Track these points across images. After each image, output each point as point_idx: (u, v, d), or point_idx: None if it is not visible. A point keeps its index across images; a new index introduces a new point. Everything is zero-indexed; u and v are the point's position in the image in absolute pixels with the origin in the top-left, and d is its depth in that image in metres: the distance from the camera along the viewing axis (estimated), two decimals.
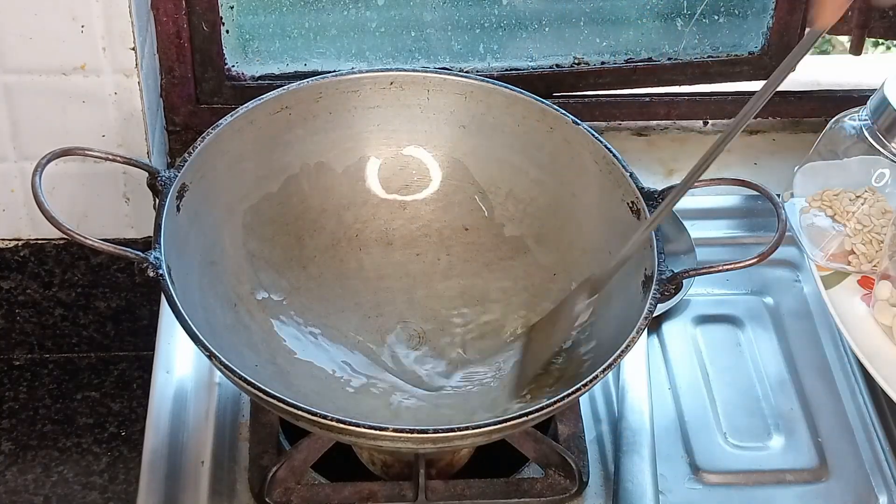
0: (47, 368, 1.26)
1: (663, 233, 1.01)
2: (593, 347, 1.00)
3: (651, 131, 1.36)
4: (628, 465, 1.00)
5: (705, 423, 1.08)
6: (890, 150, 1.10)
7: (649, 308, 0.94)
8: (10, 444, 1.19)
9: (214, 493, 1.00)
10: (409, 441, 0.88)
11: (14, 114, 1.11)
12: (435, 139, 1.13)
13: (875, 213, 1.12)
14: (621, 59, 1.29)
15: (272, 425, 1.03)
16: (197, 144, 1.02)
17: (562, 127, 1.08)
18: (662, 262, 0.97)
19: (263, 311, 1.05)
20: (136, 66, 1.09)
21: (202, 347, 0.90)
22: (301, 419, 0.89)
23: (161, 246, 0.94)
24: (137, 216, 1.18)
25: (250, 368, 0.97)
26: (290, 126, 1.09)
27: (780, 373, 1.12)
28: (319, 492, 1.00)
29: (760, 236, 1.23)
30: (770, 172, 1.30)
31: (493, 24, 1.25)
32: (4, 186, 1.15)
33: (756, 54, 1.31)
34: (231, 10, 1.21)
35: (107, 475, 1.18)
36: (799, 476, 1.04)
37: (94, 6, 1.06)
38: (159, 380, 1.08)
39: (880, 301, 1.08)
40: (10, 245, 1.19)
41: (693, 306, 1.17)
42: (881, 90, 1.11)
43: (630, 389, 1.06)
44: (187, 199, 1.00)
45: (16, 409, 1.22)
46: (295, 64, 1.25)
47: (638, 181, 1.03)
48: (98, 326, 1.26)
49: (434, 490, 0.99)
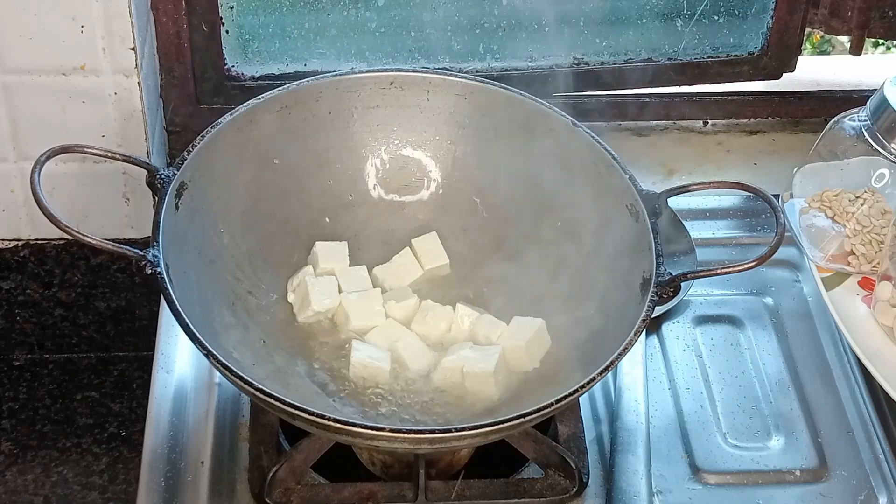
0: (47, 368, 1.26)
1: (663, 233, 1.01)
2: (592, 348, 1.00)
3: (651, 131, 1.36)
4: (623, 464, 1.00)
5: (705, 424, 1.08)
6: (890, 150, 1.10)
7: (647, 310, 0.94)
8: (10, 444, 1.19)
9: (214, 493, 1.00)
10: (406, 441, 0.88)
11: (14, 114, 1.11)
12: (434, 140, 1.13)
13: (875, 213, 1.12)
14: (621, 59, 1.29)
15: (272, 425, 1.03)
16: (196, 143, 1.02)
17: (561, 128, 1.08)
18: (661, 264, 0.97)
19: (261, 310, 1.05)
20: (136, 66, 1.10)
21: (199, 346, 0.90)
22: (298, 419, 0.89)
23: (160, 244, 0.94)
24: (137, 216, 1.18)
25: (248, 367, 0.97)
26: (289, 126, 1.09)
27: (780, 373, 1.12)
28: (319, 492, 1.00)
29: (760, 236, 1.23)
30: (770, 173, 1.30)
31: (493, 24, 1.25)
32: (4, 186, 1.15)
33: (756, 54, 1.31)
34: (231, 10, 1.21)
35: (107, 475, 1.18)
36: (799, 476, 1.04)
37: (94, 6, 1.06)
38: (159, 380, 1.08)
39: (881, 302, 1.08)
40: (10, 245, 1.20)
41: (693, 307, 1.17)
42: (881, 91, 1.11)
43: (626, 390, 1.06)
44: (186, 197, 1.00)
45: (16, 409, 1.22)
46: (295, 64, 1.25)
47: (637, 183, 1.03)
48: (98, 326, 1.26)
49: (434, 490, 0.99)
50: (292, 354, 1.04)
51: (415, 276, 1.10)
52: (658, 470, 1.03)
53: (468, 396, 1.01)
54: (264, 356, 1.02)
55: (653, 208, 1.01)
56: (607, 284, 1.03)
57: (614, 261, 1.03)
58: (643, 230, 1.00)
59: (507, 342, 1.04)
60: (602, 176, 1.06)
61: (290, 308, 1.07)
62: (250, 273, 1.06)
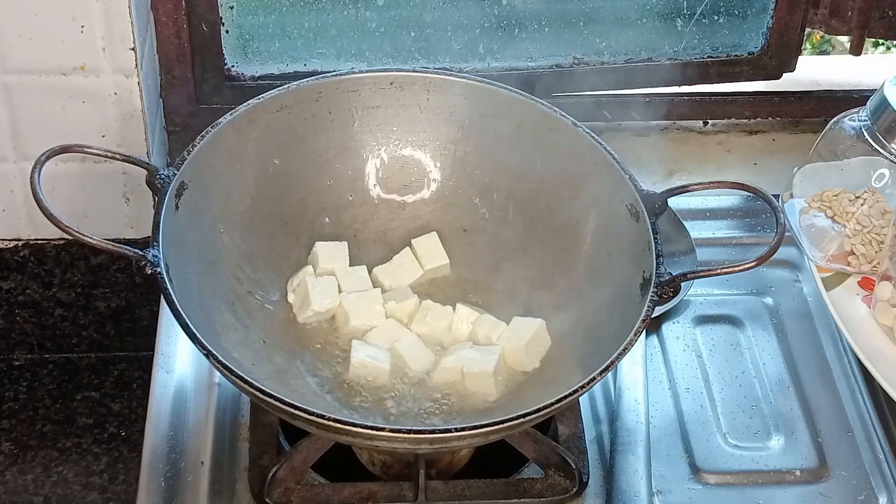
0: (47, 368, 1.26)
1: (663, 233, 1.01)
2: (592, 348, 1.00)
3: (651, 131, 1.36)
4: (623, 464, 1.00)
5: (705, 424, 1.08)
6: (890, 150, 1.10)
7: (647, 310, 0.94)
8: (10, 444, 1.19)
9: (214, 493, 1.00)
10: (405, 441, 0.88)
11: (14, 114, 1.11)
12: (434, 140, 1.13)
13: (875, 213, 1.12)
14: (621, 59, 1.29)
15: (272, 425, 1.03)
16: (196, 143, 1.02)
17: (561, 129, 1.08)
18: (661, 264, 0.97)
19: (261, 310, 1.05)
20: (136, 66, 1.10)
21: (199, 346, 0.90)
22: (298, 419, 0.89)
23: (160, 243, 0.94)
24: (137, 216, 1.18)
25: (248, 367, 0.97)
26: (289, 126, 1.09)
27: (780, 373, 1.12)
28: (319, 492, 1.00)
29: (760, 236, 1.23)
30: (770, 173, 1.30)
31: (493, 24, 1.25)
32: (4, 187, 1.15)
33: (756, 54, 1.31)
34: (231, 10, 1.21)
35: (107, 475, 1.18)
36: (799, 476, 1.04)
37: (94, 6, 1.06)
38: (159, 380, 1.08)
39: (881, 302, 1.08)
40: (10, 245, 1.19)
41: (693, 307, 1.17)
42: (881, 91, 1.11)
43: (626, 390, 1.06)
44: (186, 197, 1.00)
45: (16, 409, 1.22)
46: (295, 64, 1.25)
47: (637, 183, 1.03)
48: (98, 326, 1.26)
49: (434, 490, 0.99)
50: (292, 354, 1.04)
51: (415, 276, 1.10)
52: (658, 470, 1.03)
53: (468, 396, 1.01)
54: (264, 356, 1.02)
55: (653, 208, 1.01)
56: (607, 284, 1.03)
57: (614, 261, 1.03)
58: (643, 230, 1.00)
59: (506, 342, 1.04)
60: (602, 176, 1.05)
61: (290, 308, 1.07)
62: (250, 273, 1.06)
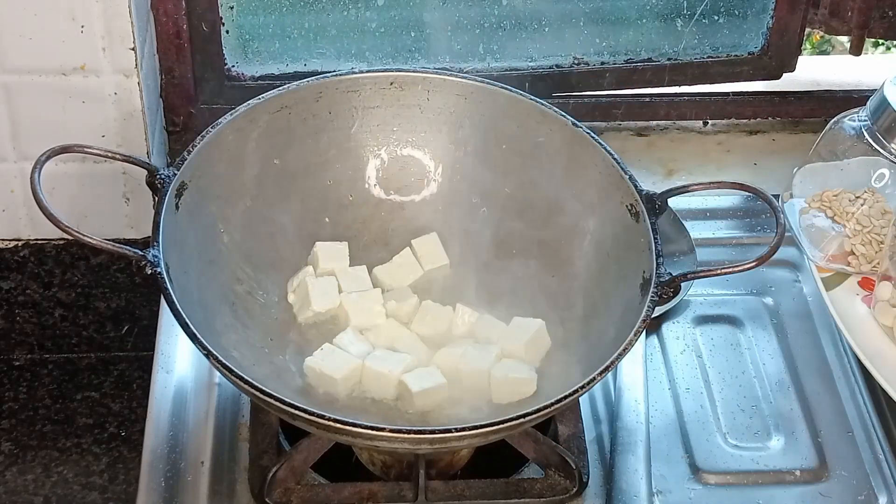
0: (47, 368, 1.26)
1: (663, 233, 1.01)
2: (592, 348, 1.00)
3: (651, 131, 1.36)
4: (623, 464, 1.00)
5: (705, 424, 1.08)
6: (890, 150, 1.10)
7: (647, 311, 0.94)
8: (10, 444, 1.19)
9: (214, 493, 1.00)
10: (406, 441, 0.88)
11: (14, 114, 1.11)
12: (434, 140, 1.13)
13: (875, 213, 1.12)
14: (621, 59, 1.29)
15: (272, 425, 1.03)
16: (196, 143, 1.02)
17: (561, 129, 1.08)
18: (661, 264, 0.97)
19: (261, 310, 1.05)
20: (136, 66, 1.10)
21: (199, 346, 0.90)
22: (298, 419, 0.89)
23: (160, 243, 0.94)
24: (137, 216, 1.18)
25: (248, 367, 0.97)
26: (289, 126, 1.09)
27: (780, 373, 1.12)
28: (319, 492, 1.00)
29: (761, 236, 1.23)
30: (770, 173, 1.30)
31: (493, 24, 1.25)
32: (4, 187, 1.15)
33: (756, 54, 1.31)
34: (231, 11, 1.21)
35: (107, 475, 1.18)
36: (799, 476, 1.04)
37: (94, 6, 1.06)
38: (159, 380, 1.08)
39: (881, 302, 1.08)
40: (10, 245, 1.19)
41: (693, 307, 1.17)
42: (881, 91, 1.11)
43: (626, 390, 1.06)
44: (186, 197, 1.00)
45: (16, 409, 1.22)
46: (295, 64, 1.25)
47: (637, 183, 1.03)
48: (98, 326, 1.26)
49: (434, 490, 0.99)
50: (292, 354, 1.04)
51: (415, 276, 1.10)
52: (658, 470, 1.03)
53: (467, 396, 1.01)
54: (264, 356, 1.02)
55: (653, 208, 1.01)
56: (607, 284, 1.03)
57: (614, 261, 1.03)
58: (643, 230, 1.00)
59: (506, 343, 1.04)
60: (602, 176, 1.05)
61: (290, 308, 1.07)
62: (250, 273, 1.06)
